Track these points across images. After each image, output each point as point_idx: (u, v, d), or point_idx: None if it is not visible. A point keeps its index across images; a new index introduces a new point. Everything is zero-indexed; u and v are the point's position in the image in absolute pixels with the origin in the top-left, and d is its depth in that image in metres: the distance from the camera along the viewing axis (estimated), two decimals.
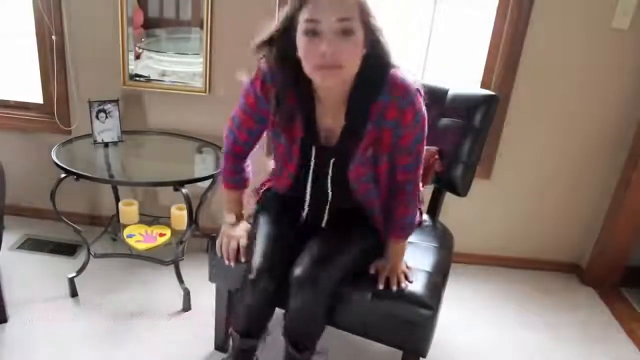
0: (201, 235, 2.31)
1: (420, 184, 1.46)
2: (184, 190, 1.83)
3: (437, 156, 1.70)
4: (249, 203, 1.62)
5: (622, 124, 2.24)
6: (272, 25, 1.27)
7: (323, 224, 1.48)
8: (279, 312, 1.47)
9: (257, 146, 1.53)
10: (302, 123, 1.35)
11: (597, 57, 2.14)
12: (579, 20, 2.08)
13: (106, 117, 2.13)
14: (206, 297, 2.01)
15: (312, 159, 1.40)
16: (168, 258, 2.04)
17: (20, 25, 2.54)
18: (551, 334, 2.08)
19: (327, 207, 1.47)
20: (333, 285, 1.36)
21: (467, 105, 1.70)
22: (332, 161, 1.39)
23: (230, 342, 1.55)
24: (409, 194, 1.42)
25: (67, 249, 2.32)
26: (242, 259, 1.46)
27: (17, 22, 2.60)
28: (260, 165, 1.64)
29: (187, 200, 1.84)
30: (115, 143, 2.16)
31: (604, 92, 2.20)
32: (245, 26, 1.59)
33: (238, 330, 1.48)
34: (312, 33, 1.17)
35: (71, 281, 2.01)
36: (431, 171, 1.70)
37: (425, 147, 1.40)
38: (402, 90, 1.26)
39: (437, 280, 1.50)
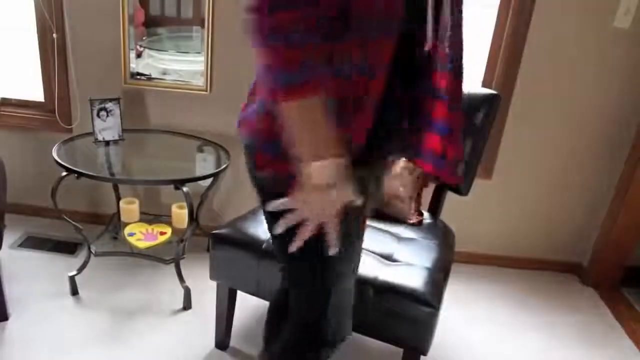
0: (202, 234, 2.32)
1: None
2: (184, 189, 1.83)
3: None
4: None
5: (623, 124, 2.24)
6: None
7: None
8: None
9: None
10: None
11: (598, 56, 2.14)
12: (580, 20, 2.09)
13: (107, 115, 2.13)
14: (207, 295, 2.02)
15: None
16: (169, 256, 2.04)
17: (21, 23, 2.55)
18: (551, 334, 2.08)
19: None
20: None
21: (468, 105, 1.70)
22: None
23: None
24: None
25: (67, 247, 2.32)
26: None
27: (18, 20, 2.60)
28: None
29: (188, 198, 1.84)
30: (116, 141, 2.16)
31: (605, 91, 2.20)
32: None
33: None
34: None
35: (72, 279, 2.01)
36: (430, 175, 1.70)
37: None
38: None
39: (439, 277, 1.50)
